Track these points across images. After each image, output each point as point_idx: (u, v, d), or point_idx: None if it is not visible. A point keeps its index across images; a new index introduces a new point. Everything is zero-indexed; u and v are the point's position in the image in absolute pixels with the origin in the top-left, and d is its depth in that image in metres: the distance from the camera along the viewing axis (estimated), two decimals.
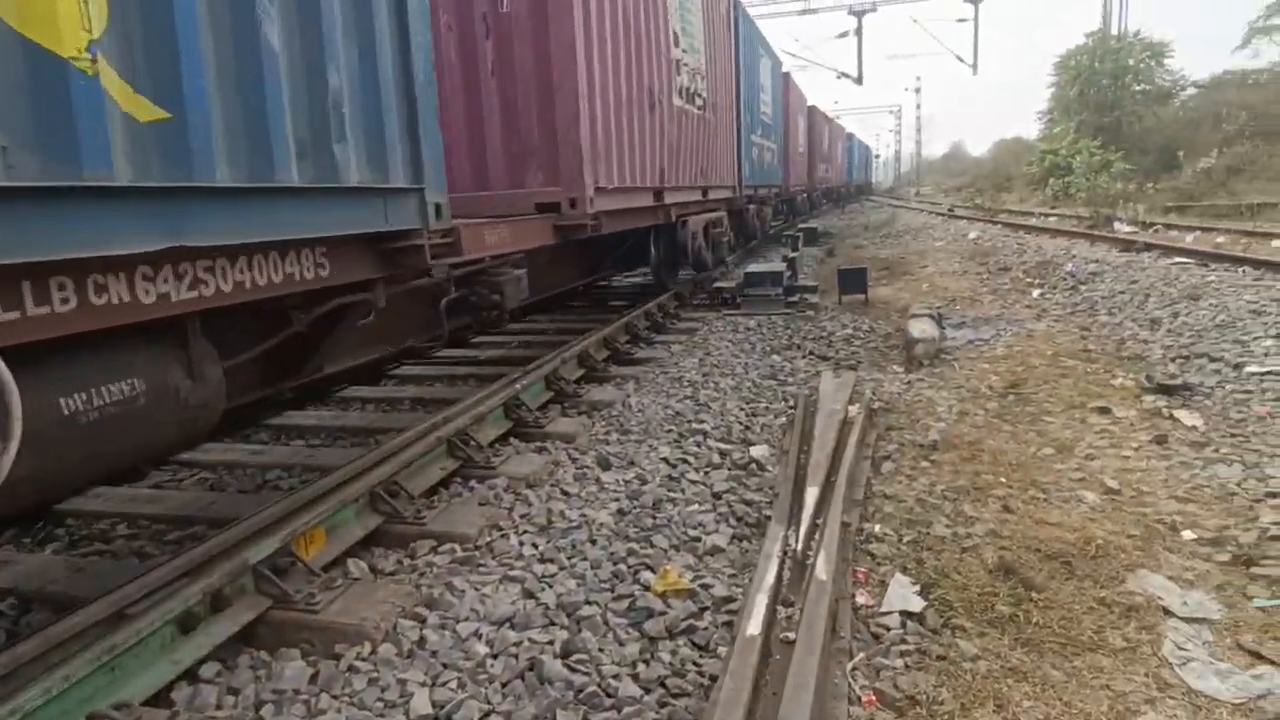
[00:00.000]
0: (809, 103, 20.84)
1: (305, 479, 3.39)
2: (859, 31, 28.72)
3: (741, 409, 4.45)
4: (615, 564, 2.60)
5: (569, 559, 2.65)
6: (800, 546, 2.54)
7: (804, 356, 5.85)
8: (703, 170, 7.66)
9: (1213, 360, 4.87)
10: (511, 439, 3.86)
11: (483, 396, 3.85)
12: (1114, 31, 27.40)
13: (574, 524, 2.90)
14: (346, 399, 4.75)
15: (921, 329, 5.75)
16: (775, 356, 5.82)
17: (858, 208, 34.17)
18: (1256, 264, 7.53)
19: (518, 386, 4.05)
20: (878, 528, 2.92)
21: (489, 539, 2.78)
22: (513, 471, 3.33)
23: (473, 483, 3.29)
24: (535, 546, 2.73)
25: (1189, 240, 10.64)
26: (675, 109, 6.55)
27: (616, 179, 5.11)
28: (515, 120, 4.58)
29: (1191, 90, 27.34)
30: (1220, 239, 10.64)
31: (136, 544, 2.85)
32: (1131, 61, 26.56)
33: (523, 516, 2.98)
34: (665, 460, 3.58)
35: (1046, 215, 18.40)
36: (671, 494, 3.21)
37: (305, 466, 3.55)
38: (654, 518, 2.97)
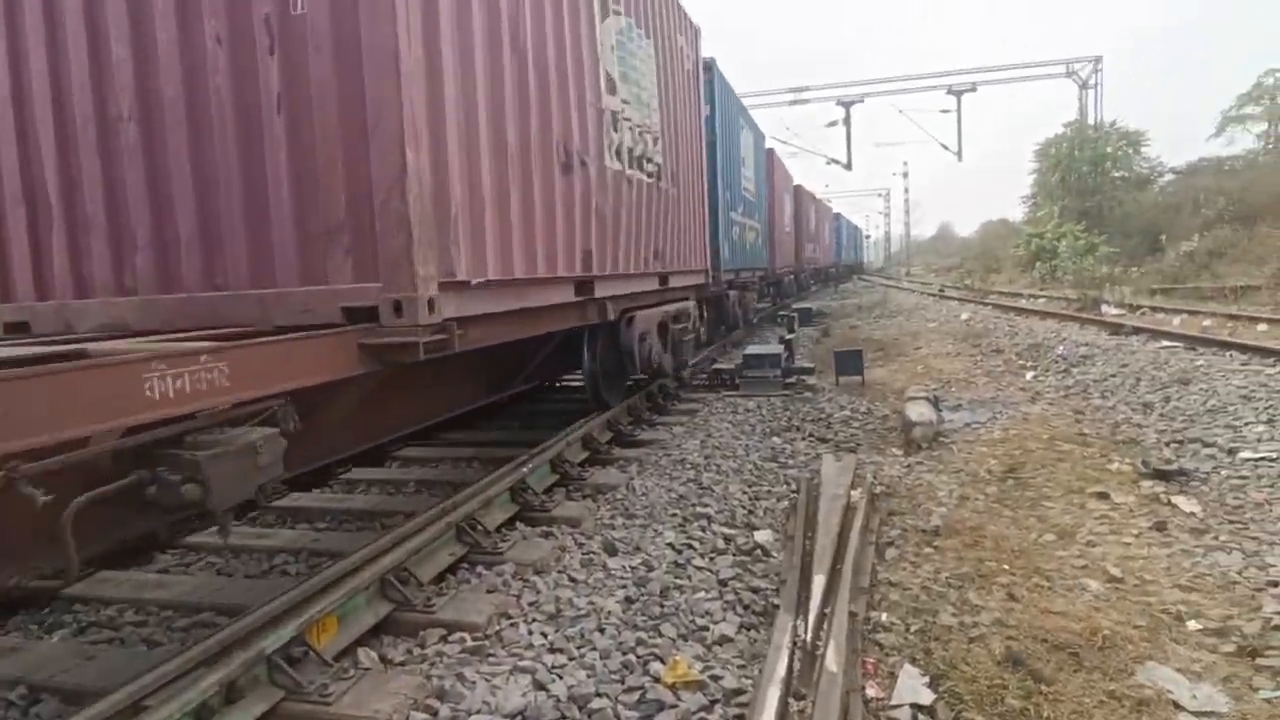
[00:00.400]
0: (795, 181, 21.24)
1: (313, 564, 3.42)
2: (847, 121, 30.13)
3: (744, 492, 4.49)
4: (624, 654, 2.61)
5: (578, 649, 2.65)
6: (809, 637, 2.56)
7: (804, 439, 5.92)
8: (659, 253, 6.16)
9: (1206, 445, 4.96)
10: (518, 523, 3.88)
11: (490, 480, 3.89)
12: (1090, 121, 28.73)
13: (582, 612, 2.91)
14: (352, 480, 4.78)
15: (919, 412, 5.84)
16: (775, 439, 5.89)
17: (850, 287, 34.86)
18: (1243, 348, 7.71)
19: (524, 470, 4.10)
20: (885, 616, 2.94)
21: (498, 627, 2.79)
22: (520, 558, 3.35)
23: (480, 569, 3.30)
24: (544, 635, 2.74)
25: (1176, 323, 10.89)
26: (610, 173, 5.02)
27: (497, 267, 3.49)
28: (313, 178, 2.89)
29: (1170, 176, 28.49)
30: (1207, 322, 10.90)
31: (145, 630, 2.84)
32: (1110, 149, 27.76)
33: (531, 604, 2.99)
34: (671, 545, 3.61)
35: (1035, 297, 18.82)
36: (678, 581, 3.23)
37: (312, 551, 3.57)
38: (661, 606, 2.98)
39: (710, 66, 8.99)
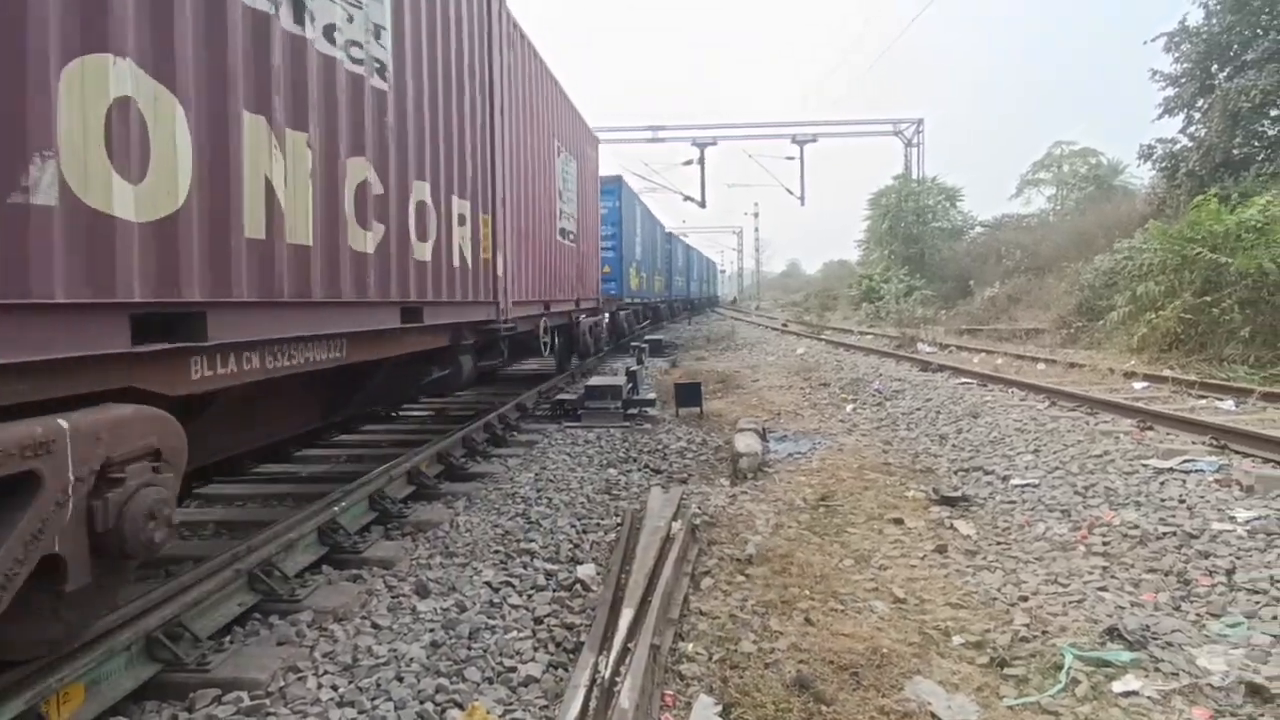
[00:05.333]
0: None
1: None
2: (701, 161, 31.47)
3: (573, 526, 4.49)
4: (422, 703, 2.51)
5: (371, 700, 2.52)
6: (609, 674, 2.58)
7: (639, 470, 6.03)
8: None
9: (986, 473, 5.55)
10: (325, 566, 3.65)
11: (295, 521, 3.64)
12: (915, 176, 31.82)
13: (382, 660, 2.78)
14: None
15: (747, 443, 6.13)
16: (611, 470, 5.95)
17: (703, 319, 36.13)
18: (1023, 386, 8.75)
19: (335, 509, 3.88)
20: (691, 646, 3.02)
21: (283, 683, 2.59)
22: (320, 604, 3.15)
23: (274, 618, 3.07)
24: (335, 689, 2.58)
25: (975, 362, 12.18)
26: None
27: None
28: None
29: (979, 229, 32.06)
30: (999, 361, 12.27)
31: None
32: (931, 202, 30.85)
33: (325, 655, 2.81)
34: (488, 584, 3.53)
35: (863, 334, 20.41)
36: (491, 621, 3.16)
37: None
38: (469, 648, 2.90)
39: None
